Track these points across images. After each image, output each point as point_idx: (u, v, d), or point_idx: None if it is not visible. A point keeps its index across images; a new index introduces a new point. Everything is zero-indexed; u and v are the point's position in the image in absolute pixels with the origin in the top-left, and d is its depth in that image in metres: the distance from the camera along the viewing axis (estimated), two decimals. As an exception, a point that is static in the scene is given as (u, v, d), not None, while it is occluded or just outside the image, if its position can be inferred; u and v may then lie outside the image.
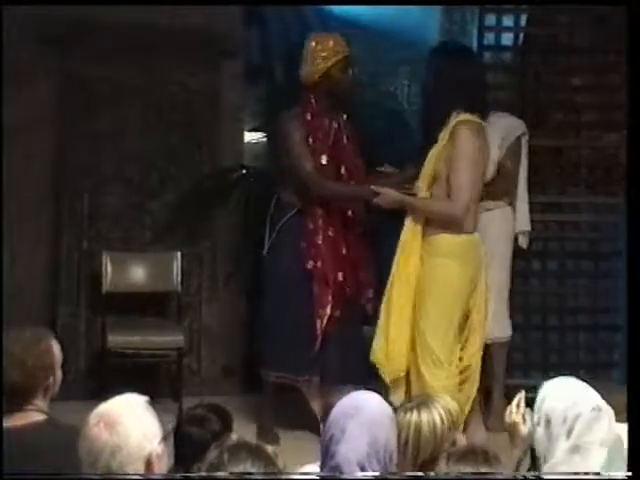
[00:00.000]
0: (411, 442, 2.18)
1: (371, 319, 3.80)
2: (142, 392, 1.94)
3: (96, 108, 4.43)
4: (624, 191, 4.05)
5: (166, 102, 4.51)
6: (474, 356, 3.53)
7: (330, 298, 3.78)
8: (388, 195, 3.55)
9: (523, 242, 4.18)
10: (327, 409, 3.62)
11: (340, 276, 3.82)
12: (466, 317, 3.52)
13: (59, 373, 2.25)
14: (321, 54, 3.79)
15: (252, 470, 1.62)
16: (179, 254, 4.42)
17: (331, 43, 3.80)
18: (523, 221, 4.14)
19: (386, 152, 4.17)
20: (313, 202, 3.82)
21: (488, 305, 3.64)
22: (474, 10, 4.67)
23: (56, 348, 2.24)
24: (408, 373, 3.50)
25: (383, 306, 3.53)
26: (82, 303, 4.43)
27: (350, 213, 3.88)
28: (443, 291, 3.45)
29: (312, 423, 3.81)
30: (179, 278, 4.40)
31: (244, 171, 4.53)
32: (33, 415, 2.18)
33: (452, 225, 3.46)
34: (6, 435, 2.15)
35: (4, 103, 4.27)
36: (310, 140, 3.83)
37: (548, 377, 2.27)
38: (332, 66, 3.79)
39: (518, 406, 2.30)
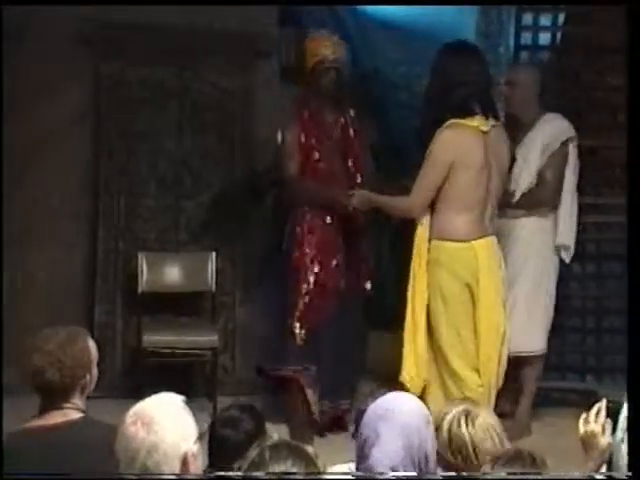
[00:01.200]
0: (459, 454, 2.10)
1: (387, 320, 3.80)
2: (177, 391, 1.95)
3: (132, 109, 4.46)
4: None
5: (201, 103, 4.54)
6: (490, 373, 3.45)
7: (313, 288, 3.83)
8: (361, 196, 3.61)
9: (565, 256, 3.98)
10: (324, 402, 3.81)
11: (329, 269, 3.84)
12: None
13: (95, 371, 2.26)
14: (311, 52, 3.86)
15: (293, 470, 1.61)
16: (214, 254, 4.44)
17: (319, 43, 3.86)
18: (565, 234, 3.93)
19: (419, 153, 4.14)
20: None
21: (511, 318, 3.58)
22: (511, 9, 4.62)
23: (92, 347, 2.26)
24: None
25: (407, 319, 3.48)
26: (118, 303, 4.48)
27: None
28: (437, 300, 3.43)
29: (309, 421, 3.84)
30: (214, 278, 4.42)
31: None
32: (70, 413, 2.20)
33: (445, 232, 3.43)
34: (43, 433, 2.17)
35: (42, 105, 4.33)
36: (303, 138, 3.86)
37: (584, 380, 2.21)
38: (316, 65, 3.82)
39: (597, 415, 2.10)
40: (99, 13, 4.31)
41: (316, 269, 3.84)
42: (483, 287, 3.44)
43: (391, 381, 3.40)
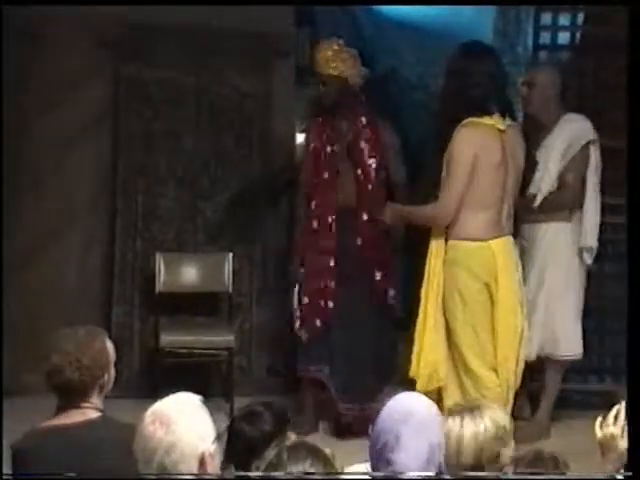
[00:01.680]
0: (451, 450, 2.10)
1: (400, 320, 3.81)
2: (194, 391, 1.95)
3: (151, 110, 4.48)
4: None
5: (219, 103, 4.54)
6: (507, 373, 3.43)
7: (308, 289, 3.86)
8: (392, 210, 3.64)
9: (587, 258, 3.93)
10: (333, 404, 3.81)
11: (324, 269, 3.87)
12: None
13: (113, 371, 2.27)
14: (316, 63, 3.94)
15: (311, 470, 1.61)
16: (230, 255, 4.45)
17: (324, 54, 3.91)
18: (589, 236, 3.88)
19: (435, 154, 4.13)
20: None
21: (531, 319, 3.56)
22: (529, 9, 4.59)
23: (110, 347, 2.26)
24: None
25: (419, 318, 3.49)
26: (136, 303, 4.49)
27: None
28: (456, 300, 3.43)
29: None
30: (230, 278, 4.43)
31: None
32: (88, 412, 2.21)
33: (462, 231, 3.42)
34: (61, 432, 2.18)
35: (62, 106, 4.36)
36: (311, 144, 3.91)
37: (604, 382, 2.19)
38: (320, 75, 3.91)
39: (617, 417, 2.08)
40: (118, 14, 4.33)
41: (309, 269, 3.87)
42: (501, 287, 3.44)
43: (408, 383, 3.42)
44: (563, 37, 4.64)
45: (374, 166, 3.90)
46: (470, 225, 3.44)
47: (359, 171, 3.90)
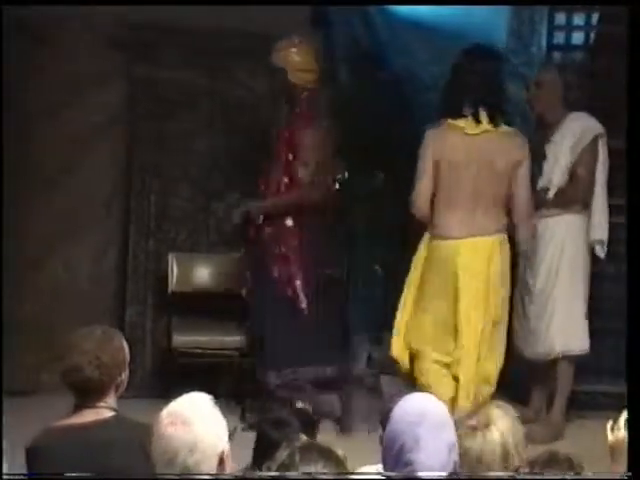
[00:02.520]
0: (472, 465, 2.08)
1: None
2: (205, 391, 1.95)
3: (164, 110, 4.49)
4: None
5: (232, 104, 4.55)
6: (468, 369, 3.59)
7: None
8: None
9: (600, 251, 3.97)
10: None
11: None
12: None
13: (127, 372, 2.28)
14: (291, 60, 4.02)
15: (324, 471, 1.61)
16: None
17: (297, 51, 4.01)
18: (599, 230, 3.93)
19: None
20: None
21: (543, 315, 3.69)
22: (543, 9, 4.57)
23: (125, 346, 2.27)
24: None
25: (399, 308, 3.72)
26: (148, 303, 4.50)
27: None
28: (423, 292, 3.66)
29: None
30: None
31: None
32: (103, 412, 2.22)
33: (434, 229, 3.67)
34: (76, 431, 2.19)
35: (75, 107, 4.37)
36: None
37: (617, 383, 2.18)
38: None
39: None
40: (132, 16, 4.34)
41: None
42: (463, 285, 3.59)
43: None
44: (577, 37, 4.62)
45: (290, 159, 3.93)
46: (439, 223, 3.65)
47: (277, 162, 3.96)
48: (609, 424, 2.12)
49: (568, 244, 3.91)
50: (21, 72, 4.35)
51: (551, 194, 3.94)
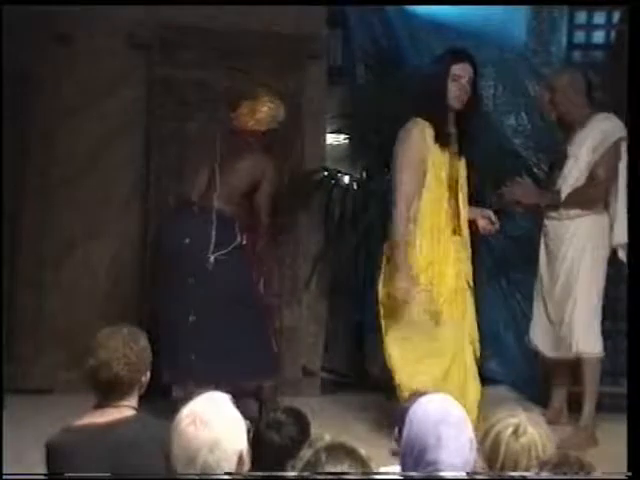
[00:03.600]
0: (494, 463, 2.06)
1: None
2: (225, 391, 1.95)
3: (183, 111, 4.50)
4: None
5: (251, 104, 4.54)
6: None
7: None
8: None
9: (623, 255, 3.90)
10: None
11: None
12: None
13: (149, 372, 2.28)
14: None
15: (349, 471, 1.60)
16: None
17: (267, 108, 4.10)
18: (621, 233, 3.83)
19: (469, 154, 4.10)
20: None
21: (562, 316, 3.70)
22: (563, 7, 4.53)
23: (149, 346, 2.28)
24: None
25: None
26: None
27: None
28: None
29: None
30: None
31: (325, 173, 4.53)
32: (124, 411, 2.22)
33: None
34: (97, 429, 2.20)
35: (96, 108, 4.39)
36: None
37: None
38: None
39: None
40: (152, 16, 4.36)
41: None
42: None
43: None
44: (598, 36, 4.58)
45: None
46: None
47: None
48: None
49: (589, 245, 3.88)
50: (42, 72, 4.37)
51: (563, 195, 3.90)
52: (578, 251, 3.85)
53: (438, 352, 3.64)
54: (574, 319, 3.86)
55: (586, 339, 3.84)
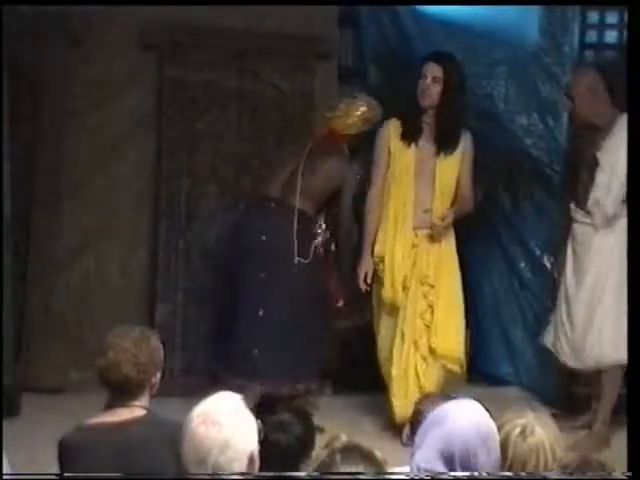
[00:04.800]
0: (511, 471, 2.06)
1: None
2: (235, 391, 1.95)
3: (194, 111, 4.50)
4: None
5: (261, 105, 4.55)
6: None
7: None
8: None
9: None
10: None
11: None
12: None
13: (161, 372, 2.28)
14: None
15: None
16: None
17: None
18: None
19: (481, 154, 4.10)
20: None
21: (593, 321, 3.70)
22: (575, 7, 4.51)
23: (160, 347, 2.28)
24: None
25: None
26: (179, 303, 4.51)
27: None
28: None
29: None
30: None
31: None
32: (135, 410, 2.23)
33: None
34: (109, 429, 2.20)
35: (106, 108, 4.40)
36: None
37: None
38: None
39: None
40: (162, 17, 4.36)
41: None
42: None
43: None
44: (610, 36, 4.55)
45: None
46: None
47: None
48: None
49: (617, 255, 3.78)
50: (53, 73, 4.38)
51: (610, 210, 3.78)
52: (606, 260, 3.78)
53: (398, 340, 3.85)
54: (604, 325, 3.79)
55: (615, 346, 3.78)
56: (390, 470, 2.02)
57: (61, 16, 4.29)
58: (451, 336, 3.84)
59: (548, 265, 4.42)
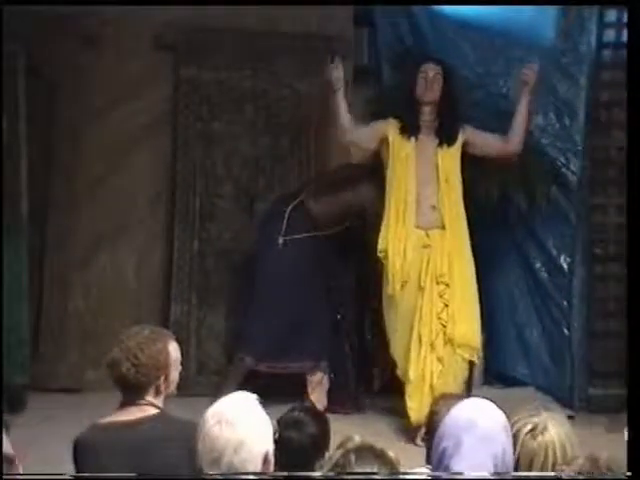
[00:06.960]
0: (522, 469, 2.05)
1: None
2: (251, 390, 1.95)
3: (209, 111, 4.51)
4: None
5: (276, 105, 4.55)
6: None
7: None
8: None
9: None
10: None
11: None
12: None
13: (175, 373, 2.28)
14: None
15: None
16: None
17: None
18: None
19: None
20: None
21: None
22: (592, 6, 4.48)
23: (173, 350, 2.27)
24: None
25: None
26: (193, 302, 4.52)
27: None
28: None
29: None
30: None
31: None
32: (147, 409, 2.23)
33: None
34: (121, 427, 2.20)
35: (122, 108, 4.42)
36: None
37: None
38: None
39: None
40: (178, 17, 4.37)
41: None
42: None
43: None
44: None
45: None
46: None
47: None
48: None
49: None
50: (70, 74, 4.40)
51: None
52: None
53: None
54: None
55: None
56: (403, 470, 2.02)
57: (77, 17, 4.31)
58: (468, 325, 3.86)
59: (564, 265, 4.40)
